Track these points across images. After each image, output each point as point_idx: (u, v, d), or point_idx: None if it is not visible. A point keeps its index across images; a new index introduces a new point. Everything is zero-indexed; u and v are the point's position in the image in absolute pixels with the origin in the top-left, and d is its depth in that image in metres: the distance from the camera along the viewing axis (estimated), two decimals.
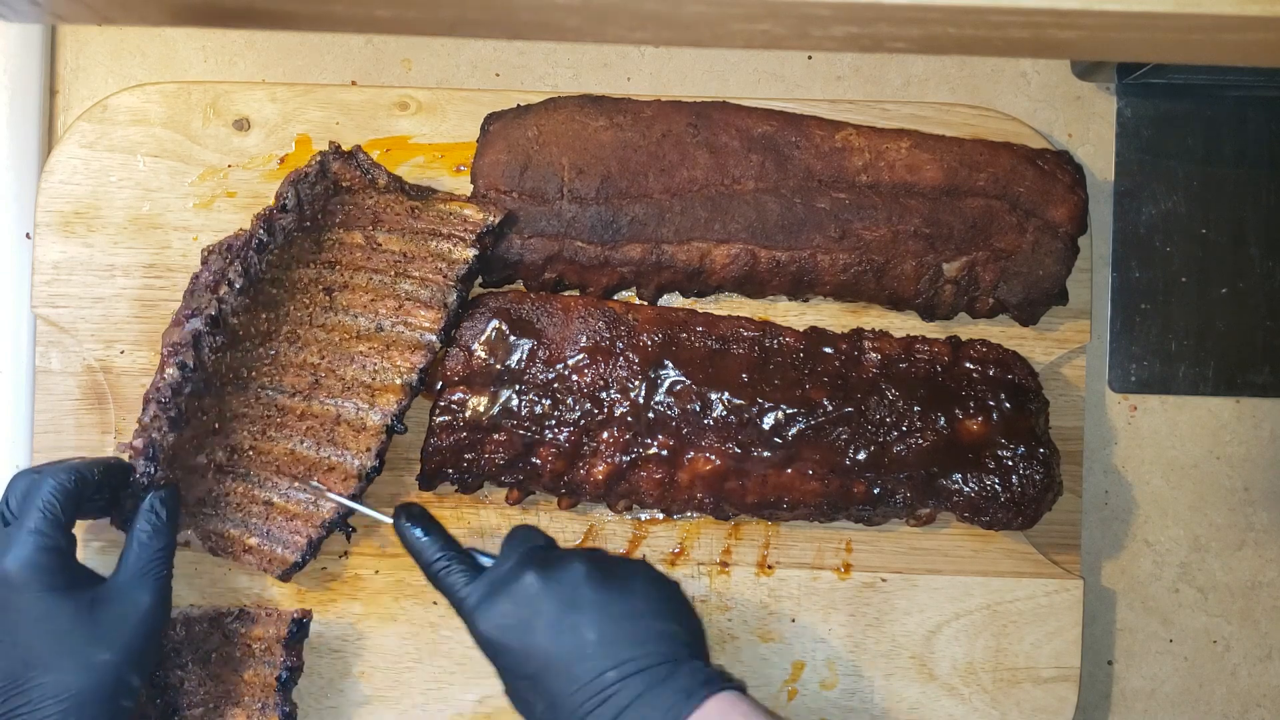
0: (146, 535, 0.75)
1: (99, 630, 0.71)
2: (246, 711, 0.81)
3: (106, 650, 0.71)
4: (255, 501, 0.82)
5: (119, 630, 0.72)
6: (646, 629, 0.70)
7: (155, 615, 0.74)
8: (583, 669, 0.69)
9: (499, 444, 0.81)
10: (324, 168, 0.80)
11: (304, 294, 0.82)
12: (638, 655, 0.69)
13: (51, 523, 0.71)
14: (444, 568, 0.75)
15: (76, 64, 0.91)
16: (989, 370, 0.82)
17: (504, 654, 0.72)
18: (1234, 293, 0.89)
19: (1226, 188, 0.90)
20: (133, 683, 0.72)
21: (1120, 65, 0.87)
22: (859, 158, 0.83)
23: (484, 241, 0.81)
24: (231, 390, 0.81)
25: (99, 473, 0.75)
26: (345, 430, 0.81)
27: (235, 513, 0.82)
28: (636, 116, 0.84)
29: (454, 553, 0.76)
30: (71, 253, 0.86)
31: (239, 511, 0.82)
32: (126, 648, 0.72)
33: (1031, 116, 0.90)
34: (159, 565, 0.75)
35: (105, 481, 0.75)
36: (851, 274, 0.83)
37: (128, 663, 0.72)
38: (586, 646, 0.69)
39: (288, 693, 0.81)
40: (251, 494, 0.82)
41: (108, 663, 0.71)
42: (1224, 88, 0.89)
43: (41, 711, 0.69)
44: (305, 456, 0.81)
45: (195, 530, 0.81)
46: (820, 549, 0.86)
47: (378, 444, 0.81)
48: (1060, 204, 0.82)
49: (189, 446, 0.80)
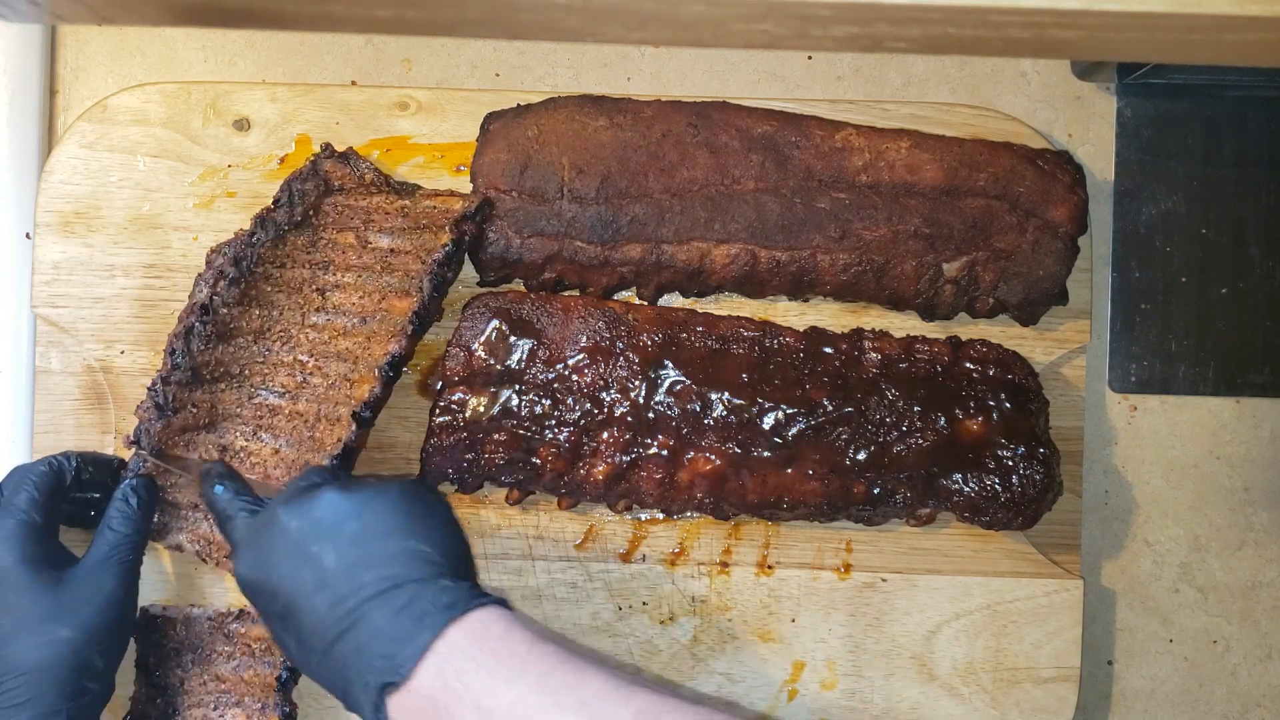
0: (116, 521, 0.76)
1: (60, 607, 0.72)
2: (246, 711, 0.81)
3: (66, 627, 0.72)
4: None
5: (81, 609, 0.73)
6: (388, 549, 0.64)
7: (118, 600, 0.75)
8: (321, 599, 0.63)
9: (499, 444, 0.81)
10: (315, 167, 0.83)
11: (298, 294, 0.82)
12: (375, 579, 0.63)
13: (29, 500, 0.74)
14: (229, 517, 0.72)
15: (76, 64, 0.91)
16: (989, 370, 0.82)
17: (256, 595, 0.68)
18: (1234, 293, 0.89)
19: (1226, 188, 0.90)
20: (95, 664, 0.73)
21: (1120, 65, 0.87)
22: (859, 158, 0.83)
23: (462, 228, 0.81)
24: (225, 387, 0.81)
25: (82, 462, 0.78)
26: (325, 427, 0.81)
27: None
28: (636, 116, 0.84)
29: (245, 502, 0.72)
30: (71, 253, 0.86)
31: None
32: (86, 627, 0.72)
33: (1031, 116, 0.90)
34: (126, 551, 0.76)
35: (95, 477, 0.79)
36: (851, 274, 0.83)
37: (89, 642, 0.72)
38: (326, 575, 0.64)
39: (288, 693, 0.81)
40: None
41: (66, 639, 0.71)
42: (1224, 88, 0.89)
43: (4, 684, 0.70)
44: (287, 456, 0.81)
45: (185, 534, 0.82)
46: (820, 549, 0.86)
47: (347, 435, 0.79)
48: (1060, 204, 0.82)
49: (181, 444, 0.80)
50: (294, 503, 0.68)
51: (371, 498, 0.67)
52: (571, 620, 0.86)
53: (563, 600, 0.86)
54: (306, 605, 0.64)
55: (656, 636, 0.86)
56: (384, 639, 0.61)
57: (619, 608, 0.86)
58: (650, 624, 0.86)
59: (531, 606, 0.86)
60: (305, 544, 0.65)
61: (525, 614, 0.66)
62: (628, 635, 0.86)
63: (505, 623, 0.62)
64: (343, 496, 0.67)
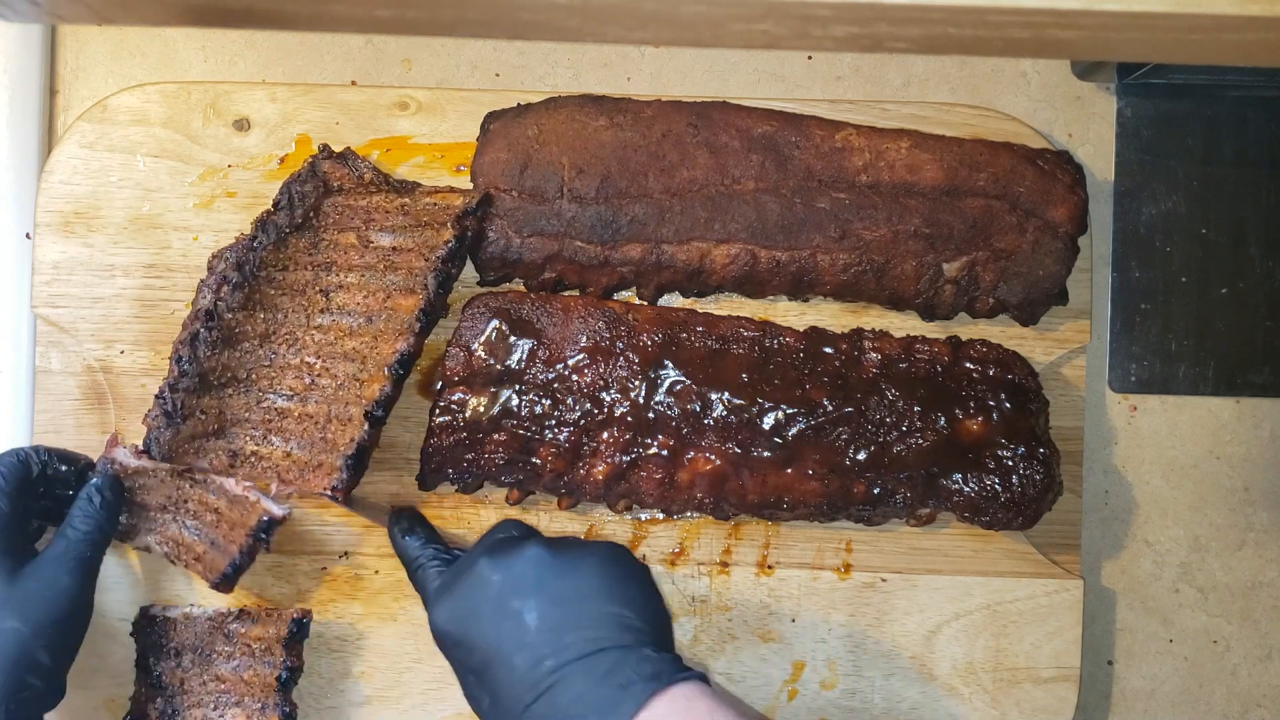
0: (79, 519, 0.77)
1: (10, 598, 0.72)
2: (246, 711, 0.81)
3: (12, 618, 0.71)
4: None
5: (31, 602, 0.72)
6: (591, 612, 0.63)
7: (71, 597, 0.74)
8: (521, 658, 0.62)
9: (499, 444, 0.81)
10: (314, 168, 0.83)
11: (301, 296, 0.82)
12: (578, 641, 0.62)
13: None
14: (420, 565, 0.73)
15: (76, 64, 0.91)
16: (989, 370, 0.82)
17: (453, 648, 0.66)
18: (1234, 292, 0.89)
19: (1226, 187, 0.90)
20: (41, 660, 0.72)
21: (1120, 65, 0.87)
22: (859, 158, 0.83)
23: (464, 224, 0.81)
24: (233, 393, 0.81)
25: (51, 456, 0.78)
26: (336, 427, 0.81)
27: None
28: (637, 116, 0.84)
29: (436, 550, 0.73)
30: (71, 253, 0.86)
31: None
32: (34, 621, 0.72)
33: (1031, 116, 0.90)
34: (84, 548, 0.76)
35: (67, 474, 0.79)
36: (851, 274, 0.83)
37: (35, 637, 0.71)
38: (527, 634, 0.62)
39: (288, 693, 0.81)
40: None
41: (11, 630, 0.71)
42: (1224, 88, 0.89)
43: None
44: (299, 459, 0.81)
45: (154, 535, 0.82)
46: (820, 549, 0.86)
47: (360, 434, 0.79)
48: (1060, 204, 0.82)
49: (191, 450, 0.80)
50: (496, 555, 0.66)
51: (577, 558, 0.66)
52: None
53: None
54: (505, 663, 0.62)
55: None
56: (585, 705, 0.59)
57: None
58: None
59: None
60: (507, 599, 0.64)
61: (724, 689, 0.63)
62: None
63: (709, 700, 0.60)
64: (548, 553, 0.66)
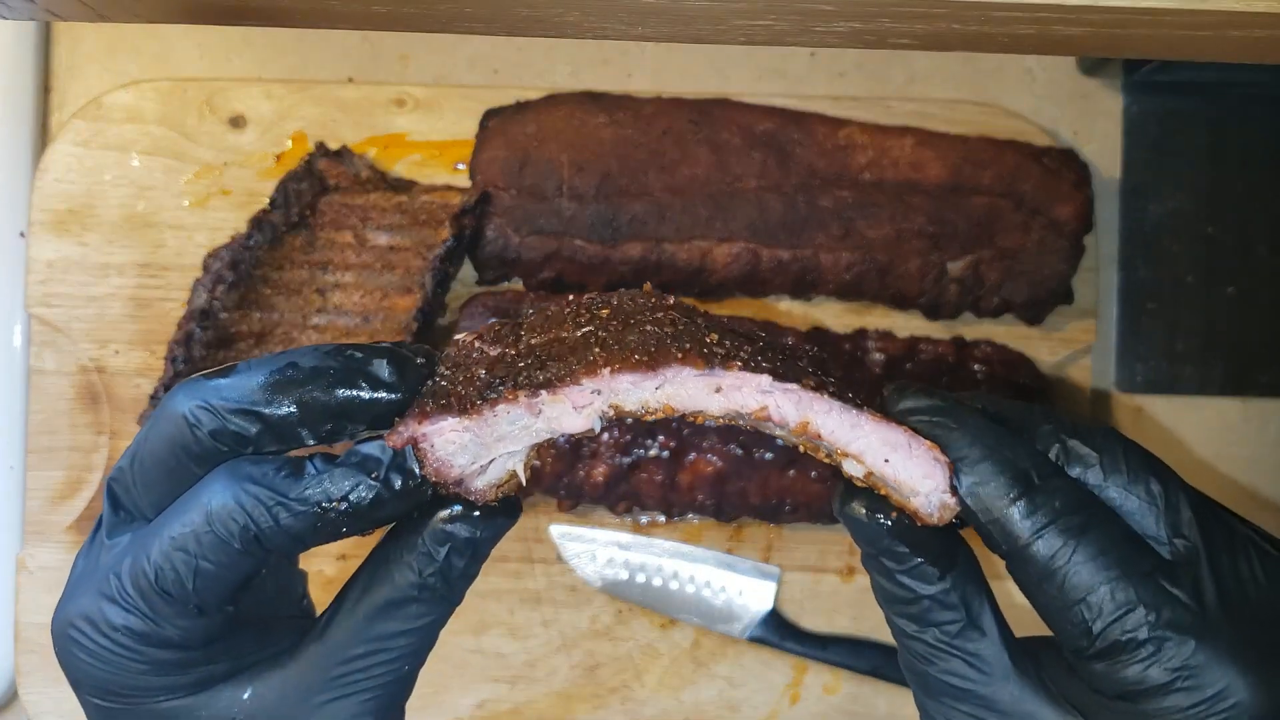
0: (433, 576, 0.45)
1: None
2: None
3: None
4: None
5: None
6: None
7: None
8: None
9: None
10: (310, 166, 0.82)
11: (297, 295, 0.81)
12: None
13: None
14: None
15: (71, 61, 0.90)
16: (994, 371, 0.81)
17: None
18: (1241, 292, 0.88)
19: (1234, 186, 0.89)
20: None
21: (1126, 62, 0.86)
22: (862, 155, 0.82)
23: (462, 222, 0.80)
24: None
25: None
26: None
27: None
28: (637, 113, 0.83)
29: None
30: (66, 252, 0.86)
31: None
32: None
33: (1037, 113, 0.89)
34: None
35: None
36: (855, 273, 0.82)
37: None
38: None
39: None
40: None
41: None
42: (1232, 85, 0.88)
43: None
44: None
45: None
46: (823, 551, 0.86)
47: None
48: (1066, 202, 0.81)
49: None
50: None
51: None
52: (571, 624, 0.85)
53: (562, 604, 0.85)
54: None
55: (657, 640, 0.85)
56: None
57: (619, 611, 0.85)
58: (651, 627, 0.85)
59: (531, 610, 0.85)
60: None
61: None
62: (628, 639, 0.85)
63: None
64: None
